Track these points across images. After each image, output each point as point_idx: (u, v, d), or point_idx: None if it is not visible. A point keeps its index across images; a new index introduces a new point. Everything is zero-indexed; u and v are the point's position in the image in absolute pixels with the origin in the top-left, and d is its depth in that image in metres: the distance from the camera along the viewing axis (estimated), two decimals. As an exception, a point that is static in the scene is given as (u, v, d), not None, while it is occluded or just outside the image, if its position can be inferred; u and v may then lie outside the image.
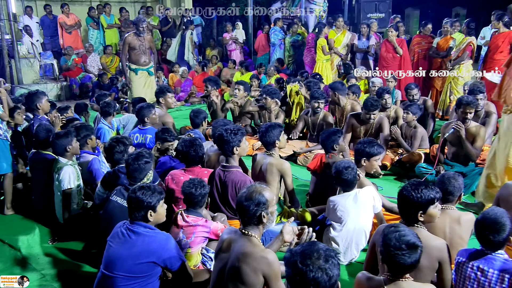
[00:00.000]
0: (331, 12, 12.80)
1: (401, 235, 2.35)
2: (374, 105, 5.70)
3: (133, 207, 2.88)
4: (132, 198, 2.87)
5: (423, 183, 2.84)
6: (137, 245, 2.81)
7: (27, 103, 5.35)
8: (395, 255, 2.33)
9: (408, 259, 2.32)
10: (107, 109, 5.82)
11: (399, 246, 2.33)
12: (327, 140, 4.42)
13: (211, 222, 3.33)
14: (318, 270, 1.84)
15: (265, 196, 2.58)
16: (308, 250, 1.91)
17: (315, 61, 10.17)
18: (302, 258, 1.88)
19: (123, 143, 4.10)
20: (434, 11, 13.43)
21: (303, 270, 1.84)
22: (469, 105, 5.05)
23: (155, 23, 12.61)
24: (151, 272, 2.86)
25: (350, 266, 3.71)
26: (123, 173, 3.88)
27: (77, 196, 4.22)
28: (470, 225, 3.18)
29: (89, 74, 11.38)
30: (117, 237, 2.89)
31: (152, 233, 2.88)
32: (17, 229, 4.41)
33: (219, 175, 3.89)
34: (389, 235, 2.38)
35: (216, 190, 3.88)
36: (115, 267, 2.81)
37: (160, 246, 2.83)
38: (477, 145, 5.09)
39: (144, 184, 2.98)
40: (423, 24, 9.22)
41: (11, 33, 9.56)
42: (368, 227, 3.67)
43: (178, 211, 3.38)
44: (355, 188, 3.67)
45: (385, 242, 2.39)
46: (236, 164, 3.93)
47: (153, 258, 2.81)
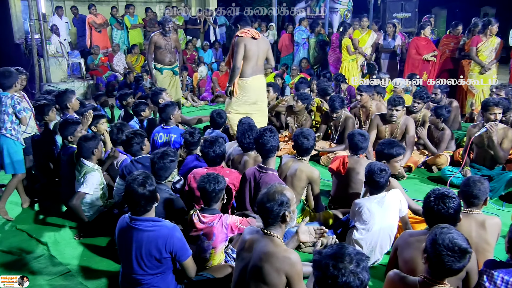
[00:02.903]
0: (356, 11, 12.69)
1: (455, 238, 2.26)
2: (397, 101, 5.60)
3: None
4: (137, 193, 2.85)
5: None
6: (144, 243, 2.81)
7: (58, 102, 5.46)
8: (445, 256, 2.23)
9: (457, 263, 2.23)
10: (137, 109, 5.90)
11: (452, 247, 2.23)
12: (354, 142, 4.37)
13: (226, 216, 3.29)
14: (350, 274, 1.82)
15: (287, 195, 2.58)
16: (339, 253, 1.89)
17: (339, 61, 10.11)
18: (334, 261, 1.85)
19: (140, 135, 4.25)
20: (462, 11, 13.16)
21: (335, 274, 1.83)
22: (496, 106, 4.94)
23: (180, 23, 12.73)
24: (167, 264, 2.91)
25: (373, 268, 3.66)
26: (140, 163, 3.98)
27: (101, 199, 4.31)
28: (496, 229, 3.10)
29: (115, 73, 11.56)
30: (123, 238, 2.90)
31: (156, 227, 2.86)
32: (44, 224, 4.53)
33: (254, 175, 3.85)
34: (442, 235, 2.28)
35: (249, 190, 3.84)
36: (132, 267, 2.86)
37: (166, 240, 2.83)
38: (505, 147, 4.99)
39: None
40: (454, 24, 9.02)
41: (41, 32, 9.77)
42: (394, 230, 3.62)
43: (192, 211, 3.37)
44: (383, 191, 3.62)
45: (436, 242, 2.27)
46: (273, 167, 3.89)
47: (162, 253, 2.83)
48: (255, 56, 5.73)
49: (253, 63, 5.74)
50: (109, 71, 11.63)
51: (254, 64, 5.76)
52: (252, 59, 5.71)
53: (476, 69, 7.91)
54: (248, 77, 5.76)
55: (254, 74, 5.81)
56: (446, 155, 5.77)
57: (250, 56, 5.68)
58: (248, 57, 5.67)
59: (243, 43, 5.59)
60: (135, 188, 2.81)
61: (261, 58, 5.84)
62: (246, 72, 5.71)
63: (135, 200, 2.83)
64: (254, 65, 5.75)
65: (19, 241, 4.18)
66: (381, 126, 5.82)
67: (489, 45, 7.78)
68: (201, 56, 12.41)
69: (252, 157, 4.35)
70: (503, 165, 5.16)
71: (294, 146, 4.20)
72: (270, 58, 6.04)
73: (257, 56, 5.76)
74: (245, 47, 5.58)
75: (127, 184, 2.85)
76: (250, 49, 5.65)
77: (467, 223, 3.07)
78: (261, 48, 5.79)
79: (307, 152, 4.14)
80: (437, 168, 5.76)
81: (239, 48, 5.60)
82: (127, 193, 2.85)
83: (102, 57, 11.72)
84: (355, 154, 4.37)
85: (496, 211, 4.55)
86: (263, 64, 5.96)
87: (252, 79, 5.81)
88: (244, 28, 5.71)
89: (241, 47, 5.58)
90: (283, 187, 2.65)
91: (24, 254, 3.95)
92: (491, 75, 7.88)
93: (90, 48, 11.89)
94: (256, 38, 5.69)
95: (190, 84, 11.07)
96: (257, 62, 5.80)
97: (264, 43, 5.89)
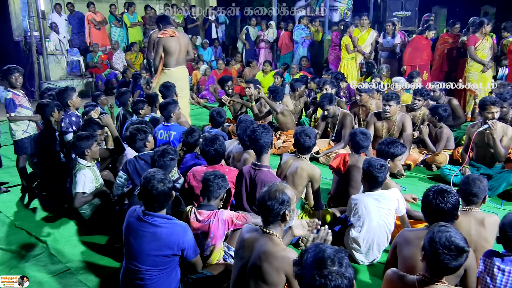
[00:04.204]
0: (356, 10, 12.68)
1: (452, 236, 2.26)
2: (390, 96, 5.64)
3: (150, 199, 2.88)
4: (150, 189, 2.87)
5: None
6: (157, 238, 2.83)
7: (59, 100, 5.45)
8: (442, 254, 2.24)
9: (454, 262, 2.24)
10: (136, 107, 5.90)
11: (448, 246, 2.24)
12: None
13: (222, 212, 3.27)
14: (337, 277, 1.79)
15: (288, 194, 2.58)
16: (319, 259, 1.84)
17: (339, 59, 10.11)
18: (318, 270, 1.81)
19: (144, 131, 4.24)
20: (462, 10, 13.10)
21: (323, 283, 1.79)
22: (493, 104, 4.97)
23: (179, 21, 12.72)
24: (174, 261, 2.92)
25: (372, 267, 3.68)
26: (143, 160, 4.00)
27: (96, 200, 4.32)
28: (495, 227, 3.11)
29: (114, 71, 11.55)
30: (134, 231, 2.89)
31: (170, 224, 2.88)
32: (43, 222, 4.53)
33: (249, 173, 3.85)
34: (440, 233, 2.28)
35: (245, 188, 3.85)
36: (139, 261, 2.86)
37: (179, 238, 2.85)
38: (505, 144, 5.02)
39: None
40: (451, 23, 9.02)
41: (40, 30, 9.75)
42: (391, 228, 3.63)
43: (188, 208, 3.34)
44: (379, 189, 3.63)
45: (433, 240, 2.28)
46: (267, 164, 3.89)
47: (174, 250, 2.85)
48: (177, 50, 6.74)
49: (176, 56, 6.76)
50: (108, 69, 11.62)
51: (177, 57, 6.78)
52: (175, 53, 6.73)
53: (475, 67, 7.88)
54: (173, 67, 6.79)
55: (178, 65, 6.85)
56: (446, 153, 5.78)
57: (172, 51, 6.69)
58: (170, 52, 6.68)
59: (162, 43, 6.62)
60: (155, 184, 2.84)
61: (182, 51, 6.85)
62: (171, 64, 6.75)
63: (154, 196, 2.85)
64: (177, 58, 6.78)
65: (18, 239, 4.18)
66: (378, 124, 5.85)
67: (486, 44, 7.81)
68: (200, 54, 12.40)
69: (252, 155, 4.34)
70: (502, 164, 5.17)
71: (295, 144, 4.20)
72: (190, 51, 7.12)
73: (179, 50, 6.77)
74: (165, 46, 6.61)
75: (146, 180, 2.87)
76: (171, 46, 6.65)
77: (466, 221, 3.09)
78: (181, 43, 6.78)
79: (308, 151, 4.14)
80: (436, 167, 5.77)
81: (158, 48, 6.66)
82: (145, 190, 2.86)
83: (101, 55, 11.71)
84: (356, 153, 4.37)
85: (495, 209, 4.56)
86: (185, 57, 6.96)
87: (176, 69, 6.83)
88: (164, 29, 6.66)
89: (160, 46, 6.64)
90: (284, 186, 2.64)
91: (23, 252, 3.95)
92: (490, 75, 7.88)
93: (89, 45, 11.88)
94: (173, 36, 6.64)
95: (190, 82, 11.07)
96: (179, 55, 6.82)
97: (183, 39, 6.89)
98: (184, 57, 6.95)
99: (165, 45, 6.60)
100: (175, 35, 6.66)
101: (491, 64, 7.87)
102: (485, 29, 7.74)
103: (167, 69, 6.76)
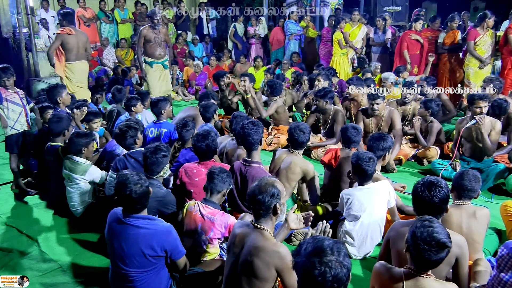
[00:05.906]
0: (347, 5, 12.68)
1: (434, 232, 2.28)
2: (375, 95, 5.66)
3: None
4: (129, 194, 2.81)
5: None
6: (139, 240, 2.78)
7: (48, 97, 5.40)
8: (423, 250, 2.27)
9: (434, 257, 2.27)
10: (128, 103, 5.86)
11: (429, 241, 2.26)
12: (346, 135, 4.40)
13: (228, 216, 3.26)
14: (337, 265, 1.82)
15: (278, 188, 2.60)
16: (319, 248, 1.87)
17: (331, 55, 10.11)
18: (318, 257, 1.84)
19: (134, 128, 4.20)
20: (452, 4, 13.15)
21: (323, 270, 1.81)
22: (481, 99, 5.01)
23: (170, 17, 12.64)
24: (161, 261, 2.90)
25: (365, 261, 3.69)
26: (133, 158, 3.98)
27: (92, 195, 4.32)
28: (486, 220, 3.16)
29: (105, 68, 11.46)
30: (116, 235, 2.85)
31: (152, 225, 2.83)
32: (34, 220, 4.50)
33: (240, 169, 3.85)
34: (422, 228, 2.31)
35: (235, 184, 3.85)
36: (125, 264, 2.83)
37: (161, 239, 2.81)
38: (493, 139, 5.05)
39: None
40: (432, 18, 9.05)
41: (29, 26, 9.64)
42: (382, 221, 3.65)
43: (192, 202, 3.33)
44: (370, 182, 3.65)
45: (415, 235, 2.31)
46: (258, 159, 3.89)
47: (157, 251, 2.81)
48: (75, 46, 7.44)
49: (75, 52, 7.46)
50: (98, 65, 11.53)
51: (76, 52, 7.47)
52: (74, 49, 7.43)
53: (473, 63, 7.83)
54: (73, 61, 7.47)
55: (78, 60, 7.53)
56: (436, 148, 5.81)
57: (71, 47, 7.40)
58: (69, 48, 7.38)
59: (60, 39, 7.32)
60: (133, 187, 2.76)
61: (81, 47, 7.52)
62: (71, 58, 7.44)
63: (134, 199, 2.78)
64: (76, 53, 7.47)
65: (9, 237, 4.15)
66: (366, 120, 5.87)
67: (487, 39, 7.70)
68: (191, 50, 12.34)
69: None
70: (492, 158, 5.20)
71: (289, 139, 4.21)
72: (88, 48, 7.75)
73: (77, 47, 7.46)
74: (63, 41, 7.31)
75: (121, 184, 2.79)
76: (68, 42, 7.36)
77: (457, 214, 3.12)
78: (79, 40, 7.47)
79: (302, 146, 4.16)
80: (427, 161, 5.80)
81: (54, 42, 7.43)
82: (122, 194, 2.77)
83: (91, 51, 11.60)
84: (348, 148, 4.39)
85: (485, 203, 4.59)
86: (84, 52, 7.61)
87: (77, 63, 7.52)
88: (65, 27, 7.33)
89: (56, 41, 7.35)
90: (274, 180, 2.66)
91: (14, 250, 3.93)
92: (488, 72, 7.79)
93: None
94: (70, 34, 7.32)
95: (181, 78, 11.02)
96: (78, 51, 7.50)
97: (81, 36, 7.58)
98: (83, 53, 7.57)
99: (63, 40, 7.29)
100: (72, 33, 7.34)
101: (489, 61, 7.77)
102: (487, 23, 7.61)
103: (69, 63, 7.42)
